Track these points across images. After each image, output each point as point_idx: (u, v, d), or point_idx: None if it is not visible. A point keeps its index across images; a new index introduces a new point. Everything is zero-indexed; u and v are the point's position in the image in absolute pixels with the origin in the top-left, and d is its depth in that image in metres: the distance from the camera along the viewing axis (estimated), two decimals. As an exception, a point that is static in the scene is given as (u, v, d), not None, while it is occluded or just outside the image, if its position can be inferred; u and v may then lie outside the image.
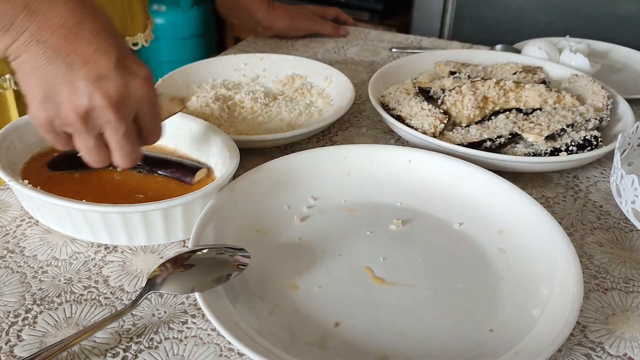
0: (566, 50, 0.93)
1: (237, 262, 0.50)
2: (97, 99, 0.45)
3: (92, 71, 0.45)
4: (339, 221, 0.60)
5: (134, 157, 0.51)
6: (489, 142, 0.69)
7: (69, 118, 0.46)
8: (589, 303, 0.52)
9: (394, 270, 0.54)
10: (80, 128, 0.47)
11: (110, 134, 0.48)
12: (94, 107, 0.45)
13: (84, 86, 0.45)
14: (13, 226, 0.59)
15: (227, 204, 0.57)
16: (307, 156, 0.65)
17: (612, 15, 1.37)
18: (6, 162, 0.58)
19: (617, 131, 0.74)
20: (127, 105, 0.47)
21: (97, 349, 0.46)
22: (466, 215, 0.60)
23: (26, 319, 0.48)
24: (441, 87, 0.80)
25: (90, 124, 0.47)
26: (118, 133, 0.47)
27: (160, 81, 0.80)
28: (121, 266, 0.54)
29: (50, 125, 0.48)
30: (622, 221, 0.63)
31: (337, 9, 1.20)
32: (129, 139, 0.49)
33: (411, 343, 0.47)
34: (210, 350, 0.46)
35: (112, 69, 0.45)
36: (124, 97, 0.46)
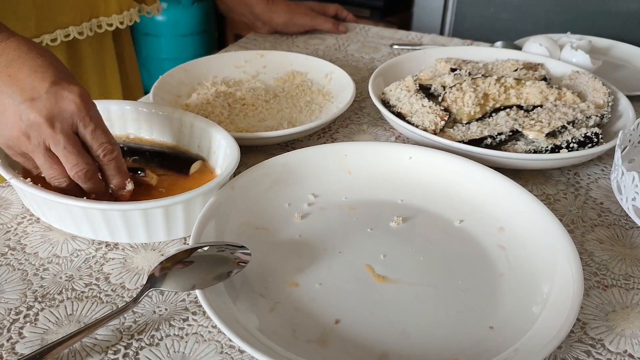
0: (567, 46, 0.93)
1: (237, 259, 0.50)
2: (31, 117, 0.51)
3: (28, 96, 0.52)
4: (340, 218, 0.60)
5: (85, 169, 0.54)
6: (490, 139, 0.69)
7: (16, 139, 0.53)
8: (589, 300, 0.52)
9: (395, 268, 0.54)
10: (28, 146, 0.53)
11: (54, 148, 0.53)
12: (31, 124, 0.51)
13: (22, 109, 0.51)
14: (14, 224, 0.59)
15: (228, 201, 0.57)
16: (308, 153, 0.65)
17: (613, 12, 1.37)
18: (7, 159, 0.58)
19: (618, 128, 0.74)
20: (60, 119, 0.52)
21: (98, 346, 0.46)
22: (467, 213, 0.60)
23: (27, 316, 0.48)
24: (442, 84, 0.80)
25: (33, 141, 0.52)
26: (59, 145, 0.52)
27: (161, 78, 0.80)
28: (122, 263, 0.54)
29: (11, 149, 0.55)
30: (623, 218, 0.63)
31: (338, 5, 1.20)
32: (72, 151, 0.53)
33: (411, 340, 0.47)
34: (211, 347, 0.46)
35: (44, 92, 0.52)
36: (55, 112, 0.52)
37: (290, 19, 1.11)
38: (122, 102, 0.69)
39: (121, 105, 0.68)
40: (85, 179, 0.54)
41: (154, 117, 0.67)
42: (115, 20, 0.86)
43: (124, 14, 0.87)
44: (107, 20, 0.85)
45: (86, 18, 0.83)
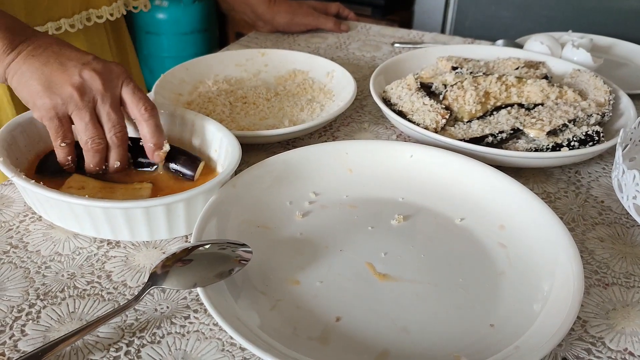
0: (568, 45, 0.93)
1: (239, 257, 0.50)
2: (86, 73, 0.57)
3: (79, 61, 0.58)
4: (341, 216, 0.60)
5: (122, 132, 0.59)
6: (491, 137, 0.69)
7: (68, 93, 0.56)
8: (589, 298, 0.52)
9: (395, 266, 0.54)
10: (78, 103, 0.56)
11: (100, 106, 0.57)
12: (85, 79, 0.57)
13: (75, 69, 0.57)
14: (16, 221, 0.59)
15: (229, 199, 0.57)
16: (309, 151, 0.65)
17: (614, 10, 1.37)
18: (9, 157, 0.58)
19: (619, 126, 0.74)
20: (110, 78, 0.58)
21: (100, 343, 0.46)
22: (467, 211, 0.61)
23: (30, 313, 0.49)
24: (443, 82, 0.80)
25: (85, 96, 0.57)
26: (106, 103, 0.57)
27: (162, 77, 0.81)
28: (124, 261, 0.55)
29: (54, 110, 0.57)
30: (624, 216, 0.63)
31: (339, 4, 1.20)
32: (116, 110, 0.58)
33: (412, 338, 0.47)
34: (213, 345, 0.47)
35: (92, 59, 0.58)
36: (106, 71, 0.58)
37: (292, 19, 1.11)
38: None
39: (123, 103, 0.68)
40: (119, 143, 0.59)
41: (156, 116, 0.67)
42: (105, 12, 0.86)
43: (113, 6, 0.87)
44: (97, 12, 0.85)
45: (77, 10, 0.83)
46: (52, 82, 0.56)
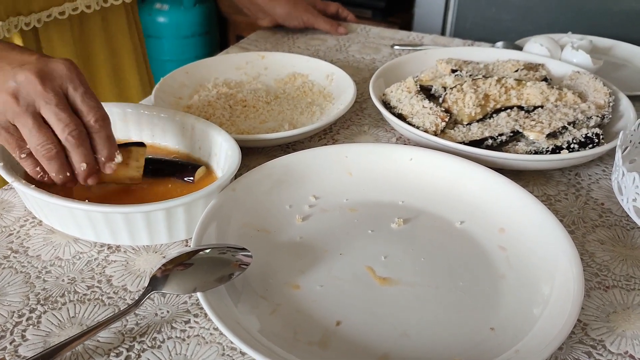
0: (568, 47, 0.93)
1: (239, 261, 0.50)
2: (21, 76, 0.51)
3: (17, 64, 0.52)
4: (341, 220, 0.60)
5: (78, 130, 0.52)
6: (491, 140, 0.69)
7: (3, 104, 0.51)
8: (590, 301, 0.52)
9: (396, 269, 0.54)
10: (15, 110, 0.51)
11: (44, 107, 0.51)
12: (21, 82, 0.51)
13: (10, 72, 0.51)
14: (17, 226, 0.59)
15: (229, 203, 0.57)
16: (309, 155, 0.65)
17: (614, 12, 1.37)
18: (9, 162, 0.58)
19: (619, 128, 0.74)
20: (51, 78, 0.51)
21: (101, 348, 0.46)
22: (467, 214, 0.61)
23: (30, 318, 0.49)
24: (443, 85, 0.80)
25: (22, 102, 0.51)
26: (50, 104, 0.51)
27: (162, 80, 0.81)
28: (124, 266, 0.55)
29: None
30: (624, 219, 0.63)
31: (338, 4, 1.20)
32: (64, 109, 0.51)
33: (412, 342, 0.47)
34: (213, 349, 0.47)
35: (34, 60, 0.52)
36: (46, 72, 0.51)
37: (291, 12, 1.13)
38: (124, 104, 0.69)
39: (122, 107, 0.68)
40: (78, 142, 0.52)
41: (156, 120, 0.68)
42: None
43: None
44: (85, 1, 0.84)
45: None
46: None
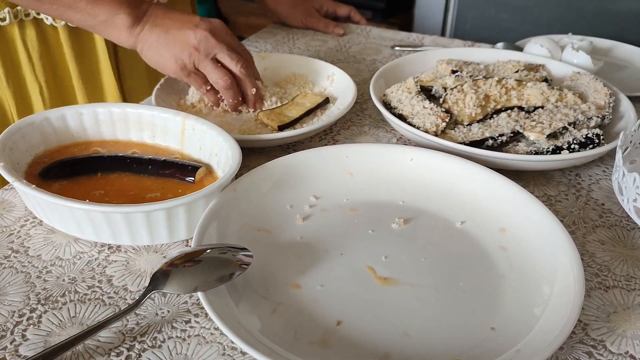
0: (568, 47, 0.93)
1: (239, 261, 0.50)
2: (198, 34, 0.72)
3: (191, 25, 0.73)
4: (341, 220, 0.60)
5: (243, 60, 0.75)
6: (491, 140, 0.69)
7: (189, 55, 0.72)
8: (590, 301, 0.52)
9: (396, 269, 0.54)
10: (199, 57, 0.72)
11: (219, 53, 0.73)
12: (201, 38, 0.72)
13: (190, 32, 0.72)
14: (17, 226, 0.59)
15: (230, 203, 0.57)
16: (309, 155, 0.65)
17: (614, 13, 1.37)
18: (10, 162, 0.58)
19: (619, 129, 0.74)
20: (218, 32, 0.74)
21: (101, 348, 0.46)
22: (468, 214, 0.61)
23: (31, 318, 0.49)
24: (443, 85, 0.80)
25: (203, 52, 0.72)
26: (223, 50, 0.73)
27: (163, 81, 0.81)
28: (125, 266, 0.55)
29: (185, 69, 0.73)
30: (624, 219, 0.63)
31: (352, 7, 1.21)
32: (233, 51, 0.74)
33: (413, 341, 0.47)
34: (214, 349, 0.47)
35: (199, 21, 0.73)
36: (214, 29, 0.73)
37: (291, 12, 1.15)
38: (125, 104, 0.69)
39: (123, 108, 0.68)
40: (247, 69, 0.75)
41: (156, 120, 0.68)
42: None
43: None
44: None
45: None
46: (176, 48, 0.72)
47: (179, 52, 0.72)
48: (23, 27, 0.82)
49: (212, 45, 0.72)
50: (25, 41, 0.83)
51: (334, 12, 1.19)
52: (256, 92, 0.77)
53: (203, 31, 0.72)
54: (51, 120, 0.65)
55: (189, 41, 0.71)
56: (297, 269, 0.54)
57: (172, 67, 0.73)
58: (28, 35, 0.83)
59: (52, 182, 0.61)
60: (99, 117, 0.68)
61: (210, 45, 0.72)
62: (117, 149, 0.67)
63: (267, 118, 0.75)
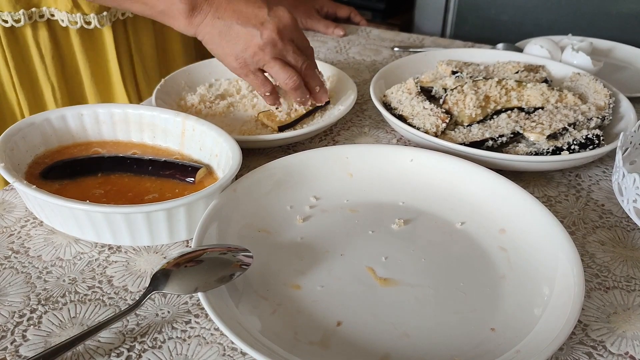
0: (568, 48, 0.93)
1: (239, 262, 0.50)
2: (266, 35, 0.67)
3: (257, 22, 0.68)
4: (341, 221, 0.60)
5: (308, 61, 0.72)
6: (491, 141, 0.69)
7: (254, 55, 0.68)
8: (590, 302, 0.52)
9: (396, 270, 0.54)
10: (265, 58, 0.68)
11: (286, 54, 0.69)
12: (268, 40, 0.68)
13: (255, 32, 0.67)
14: (17, 227, 0.59)
15: (230, 204, 0.57)
16: (309, 156, 0.65)
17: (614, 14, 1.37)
18: (10, 163, 0.58)
19: (619, 130, 0.74)
20: (285, 33, 0.69)
21: (102, 348, 0.46)
22: (468, 215, 0.61)
23: (31, 319, 0.49)
24: (443, 86, 0.80)
25: (270, 54, 0.68)
26: (289, 52, 0.69)
27: (163, 81, 0.81)
28: (125, 266, 0.55)
29: (246, 67, 0.69)
30: (624, 220, 0.63)
31: (352, 8, 1.21)
32: (298, 53, 0.70)
33: (413, 342, 0.47)
34: (214, 349, 0.47)
35: (267, 17, 0.68)
36: (281, 28, 0.68)
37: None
38: (125, 105, 0.69)
39: (124, 108, 0.68)
40: (312, 72, 0.72)
41: (157, 121, 0.68)
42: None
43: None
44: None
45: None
46: (239, 44, 0.68)
47: (242, 50, 0.68)
48: (36, 29, 0.82)
49: (280, 47, 0.69)
50: (39, 42, 0.83)
51: (334, 13, 1.20)
52: (321, 87, 0.74)
53: (270, 32, 0.67)
54: (51, 120, 0.65)
55: (254, 41, 0.68)
56: (297, 270, 0.54)
57: (232, 63, 0.70)
58: (41, 36, 0.83)
59: (53, 182, 0.61)
60: (100, 118, 0.68)
61: (278, 47, 0.69)
62: (118, 150, 0.67)
63: (267, 119, 0.75)
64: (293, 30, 0.70)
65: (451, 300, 0.51)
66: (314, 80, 0.73)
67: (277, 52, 0.68)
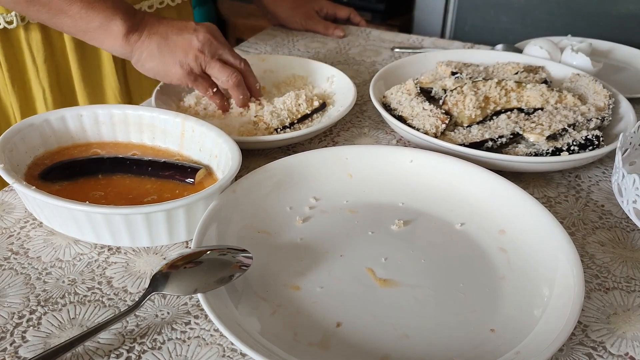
0: (568, 49, 0.93)
1: (239, 263, 0.50)
2: (200, 37, 0.72)
3: (189, 29, 0.73)
4: (341, 222, 0.60)
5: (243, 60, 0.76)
6: (491, 142, 0.69)
7: (195, 58, 0.72)
8: (590, 302, 0.52)
9: (396, 271, 0.54)
10: (205, 59, 0.73)
11: (224, 54, 0.74)
12: (204, 42, 0.72)
13: (191, 36, 0.72)
14: (17, 228, 0.59)
15: (229, 205, 0.57)
16: (309, 157, 0.65)
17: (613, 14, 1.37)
18: (10, 164, 0.58)
19: (619, 130, 0.74)
20: (217, 36, 0.74)
21: (101, 349, 0.46)
22: (467, 216, 0.61)
23: (30, 320, 0.49)
24: (443, 87, 0.80)
25: (208, 54, 0.73)
26: (225, 50, 0.75)
27: (163, 82, 0.81)
28: (124, 267, 0.55)
29: (191, 73, 0.73)
30: (624, 221, 0.63)
31: (351, 9, 1.21)
32: (234, 52, 0.76)
33: (413, 343, 0.47)
34: (213, 350, 0.47)
35: (195, 26, 0.73)
36: (213, 32, 0.74)
37: (291, 15, 1.16)
38: (125, 106, 0.69)
39: (123, 109, 0.68)
40: (249, 70, 0.77)
41: (156, 122, 0.68)
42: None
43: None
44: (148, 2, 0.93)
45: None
46: (179, 54, 0.72)
47: (184, 56, 0.72)
48: (29, 30, 0.82)
49: (216, 46, 0.73)
50: (31, 45, 0.83)
51: (334, 14, 1.20)
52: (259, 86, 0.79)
53: (204, 34, 0.72)
54: (51, 121, 0.65)
55: (192, 45, 0.72)
56: (296, 271, 0.54)
57: (178, 72, 0.72)
58: (33, 38, 0.83)
59: (52, 183, 0.61)
60: (99, 119, 0.68)
61: (214, 46, 0.73)
62: (117, 151, 0.67)
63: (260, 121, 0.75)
64: (221, 35, 0.76)
65: (451, 301, 0.51)
66: (252, 77, 0.78)
67: (214, 51, 0.73)
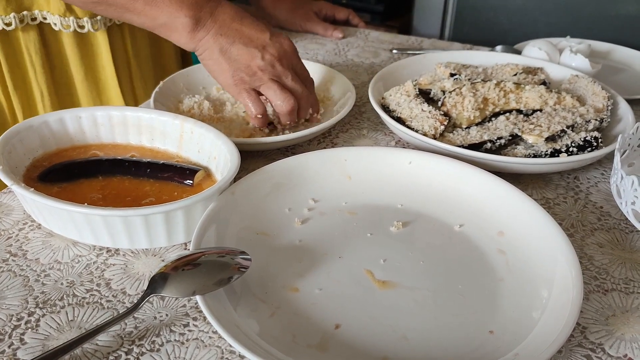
0: (566, 50, 0.93)
1: (238, 264, 0.50)
2: (267, 58, 0.69)
3: (259, 44, 0.69)
4: (340, 223, 0.60)
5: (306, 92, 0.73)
6: (489, 143, 0.69)
7: (253, 75, 0.69)
8: (589, 304, 0.52)
9: (395, 272, 0.54)
10: (263, 78, 0.70)
11: (285, 80, 0.71)
12: (267, 62, 0.69)
13: (257, 53, 0.69)
14: (15, 230, 0.59)
15: (228, 206, 0.57)
16: (308, 158, 0.65)
17: (612, 16, 1.37)
18: (8, 165, 0.58)
19: (618, 132, 0.74)
20: (285, 59, 0.71)
21: (100, 352, 0.46)
22: (466, 217, 0.61)
23: (29, 322, 0.49)
24: (441, 88, 0.80)
25: (269, 75, 0.69)
26: (288, 77, 0.71)
27: (162, 84, 0.81)
28: (123, 269, 0.55)
29: (244, 83, 0.70)
30: (623, 222, 0.63)
31: (350, 11, 1.22)
32: (297, 81, 0.72)
33: (411, 345, 0.47)
34: (212, 352, 0.47)
35: (268, 41, 0.70)
36: (282, 54, 0.70)
37: (290, 17, 1.16)
38: (123, 107, 0.69)
39: (122, 111, 0.68)
40: (307, 92, 0.73)
41: (155, 123, 0.68)
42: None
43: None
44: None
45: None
46: (240, 62, 0.69)
47: (241, 69, 0.69)
48: (27, 31, 0.82)
49: (279, 71, 0.70)
50: (28, 46, 0.83)
51: (333, 16, 1.20)
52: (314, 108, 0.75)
53: (271, 56, 0.69)
54: (50, 123, 0.65)
55: (254, 61, 0.69)
56: (295, 272, 0.54)
57: (227, 80, 0.70)
58: (31, 39, 0.83)
59: (51, 185, 0.61)
60: (98, 121, 0.68)
61: (277, 70, 0.70)
62: (116, 153, 0.67)
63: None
64: (293, 57, 0.72)
65: (450, 302, 0.51)
66: (308, 105, 0.73)
67: (276, 75, 0.69)
